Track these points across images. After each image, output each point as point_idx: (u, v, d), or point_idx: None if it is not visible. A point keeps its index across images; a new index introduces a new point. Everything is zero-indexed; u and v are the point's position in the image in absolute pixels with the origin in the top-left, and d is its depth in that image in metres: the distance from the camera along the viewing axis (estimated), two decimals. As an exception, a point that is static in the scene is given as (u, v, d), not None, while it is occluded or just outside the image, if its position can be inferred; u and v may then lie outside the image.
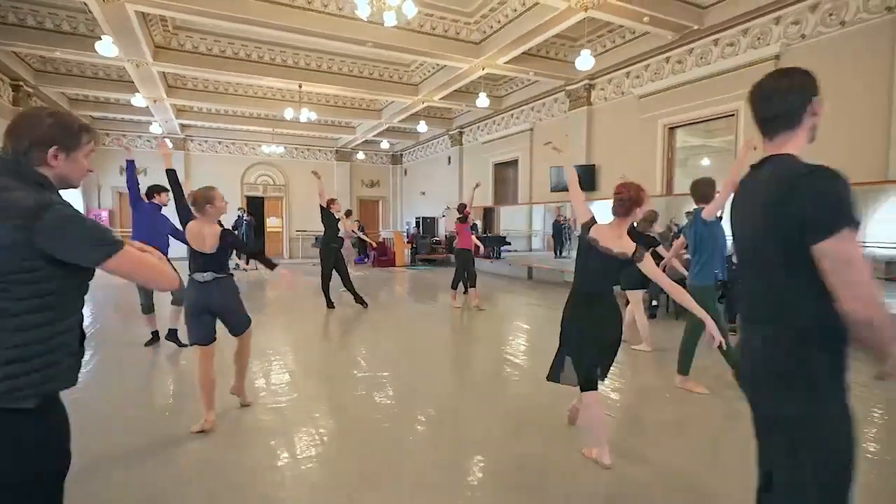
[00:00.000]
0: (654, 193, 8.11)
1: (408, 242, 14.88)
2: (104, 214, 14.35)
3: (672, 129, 7.92)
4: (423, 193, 17.05)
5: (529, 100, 10.95)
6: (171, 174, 3.22)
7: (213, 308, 2.98)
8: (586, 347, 2.61)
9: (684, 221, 7.84)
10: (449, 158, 15.02)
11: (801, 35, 6.03)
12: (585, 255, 2.64)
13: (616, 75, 8.78)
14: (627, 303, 5.19)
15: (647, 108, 8.21)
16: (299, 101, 10.38)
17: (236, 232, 12.86)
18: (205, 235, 2.93)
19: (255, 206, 16.46)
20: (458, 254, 7.42)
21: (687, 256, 4.27)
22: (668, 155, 8.01)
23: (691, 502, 2.30)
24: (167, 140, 3.62)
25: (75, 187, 1.36)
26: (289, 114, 9.81)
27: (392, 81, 10.59)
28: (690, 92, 7.43)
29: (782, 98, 1.34)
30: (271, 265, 3.17)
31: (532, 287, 10.15)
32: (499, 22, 7.66)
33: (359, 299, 7.19)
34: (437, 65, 9.45)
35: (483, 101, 8.92)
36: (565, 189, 9.59)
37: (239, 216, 13.24)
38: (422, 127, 11.30)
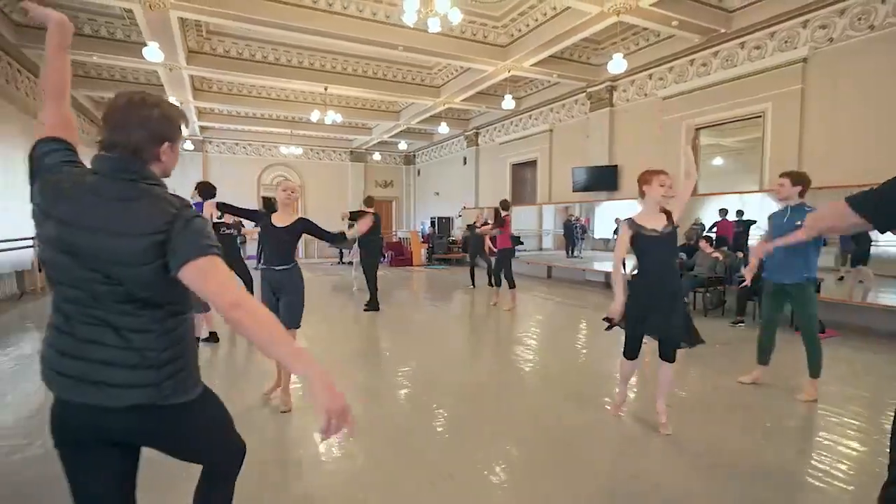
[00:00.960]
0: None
1: (423, 242, 15.04)
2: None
3: (697, 129, 8.07)
4: (437, 194, 17.22)
5: (549, 101, 11.10)
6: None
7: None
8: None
9: (709, 221, 8.02)
10: (464, 159, 15.18)
11: (829, 39, 6.18)
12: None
13: (639, 77, 8.93)
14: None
15: (670, 109, 8.35)
16: (325, 104, 10.54)
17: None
18: None
19: (271, 207, 16.63)
20: (500, 253, 7.39)
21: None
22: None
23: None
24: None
25: (167, 177, 1.28)
26: (315, 116, 9.98)
27: (415, 84, 10.76)
28: (716, 94, 7.58)
29: None
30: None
31: (553, 285, 10.30)
32: (527, 26, 7.83)
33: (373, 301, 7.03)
34: (462, 67, 9.62)
35: (509, 103, 9.08)
36: (586, 189, 9.84)
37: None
38: (443, 128, 11.46)
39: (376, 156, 16.16)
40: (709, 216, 8.11)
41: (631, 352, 3.00)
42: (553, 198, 11.47)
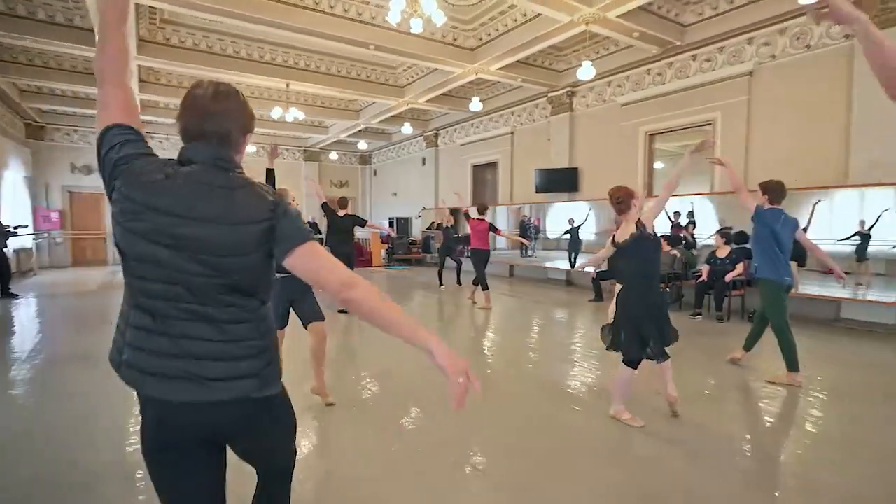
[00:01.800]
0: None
1: (384, 243, 14.91)
2: (54, 216, 13.31)
3: (652, 135, 8.60)
4: (395, 194, 17.13)
5: (511, 104, 11.38)
6: (270, 173, 3.39)
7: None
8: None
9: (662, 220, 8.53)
10: (423, 159, 15.22)
11: (772, 55, 6.82)
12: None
13: (598, 84, 9.37)
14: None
15: (628, 115, 8.85)
16: (287, 101, 10.20)
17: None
18: None
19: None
20: (475, 253, 7.55)
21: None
22: (648, 160, 8.68)
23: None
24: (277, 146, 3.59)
25: None
26: (277, 113, 9.63)
27: (379, 83, 10.66)
28: (670, 102, 8.12)
29: None
30: None
31: (516, 283, 10.58)
32: (496, 30, 8.01)
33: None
34: (428, 68, 9.66)
35: (476, 105, 9.24)
36: (548, 190, 10.18)
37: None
38: (406, 129, 11.45)
39: (333, 155, 15.83)
40: (661, 216, 8.65)
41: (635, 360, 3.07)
42: (515, 199, 11.78)
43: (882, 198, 5.94)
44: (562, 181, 10.00)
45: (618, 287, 5.37)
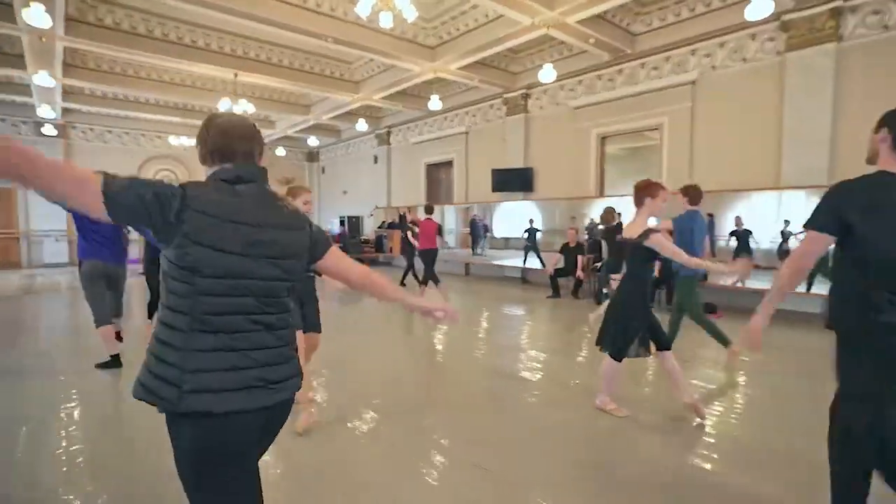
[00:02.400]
0: (588, 195, 9.16)
1: (335, 242, 14.49)
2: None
3: (604, 138, 9.00)
4: (346, 192, 16.77)
5: (466, 104, 11.47)
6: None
7: None
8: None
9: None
10: (375, 157, 15.00)
11: (713, 66, 7.35)
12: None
13: (551, 87, 9.67)
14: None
15: (581, 118, 9.21)
16: (234, 93, 9.66)
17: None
18: None
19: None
20: (425, 253, 7.73)
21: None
22: (600, 161, 9.08)
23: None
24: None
25: None
26: (225, 105, 9.09)
27: (333, 77, 10.36)
28: (621, 106, 8.54)
29: None
30: None
31: (472, 282, 10.69)
32: (457, 30, 8.04)
33: None
34: (385, 65, 9.52)
35: (436, 104, 9.22)
36: (504, 189, 10.38)
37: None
38: (360, 126, 11.21)
39: (280, 151, 15.17)
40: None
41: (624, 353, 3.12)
42: (470, 198, 11.89)
43: (811, 200, 6.56)
44: (517, 181, 10.23)
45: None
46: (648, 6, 7.54)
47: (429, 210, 8.10)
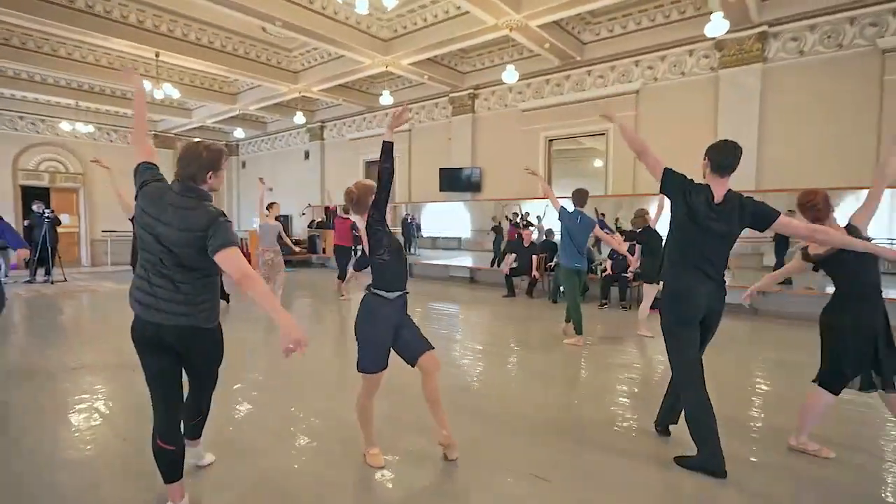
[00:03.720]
0: (537, 196, 9.42)
1: (263, 243, 13.45)
2: None
3: (551, 140, 9.32)
4: (272, 189, 15.59)
5: (411, 101, 11.22)
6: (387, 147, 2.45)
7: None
8: None
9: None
10: (306, 153, 14.19)
11: (654, 78, 7.92)
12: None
13: (499, 88, 9.80)
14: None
15: (529, 121, 9.44)
16: (157, 75, 8.50)
17: (36, 233, 9.82)
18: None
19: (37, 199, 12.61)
20: (338, 250, 8.47)
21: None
22: (548, 163, 9.38)
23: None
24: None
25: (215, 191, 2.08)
26: (145, 87, 7.94)
27: (269, 65, 9.57)
28: (568, 111, 8.89)
29: None
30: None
31: (419, 283, 10.52)
32: (414, 24, 7.81)
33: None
34: (330, 55, 9.00)
35: (387, 98, 8.89)
36: (451, 189, 10.35)
37: (37, 212, 10.06)
38: (298, 118, 10.46)
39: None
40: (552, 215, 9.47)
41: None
42: (413, 197, 11.68)
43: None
44: (465, 181, 10.24)
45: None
46: (599, 16, 7.92)
47: (346, 210, 7.95)
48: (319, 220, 13.53)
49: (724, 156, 2.47)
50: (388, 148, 2.38)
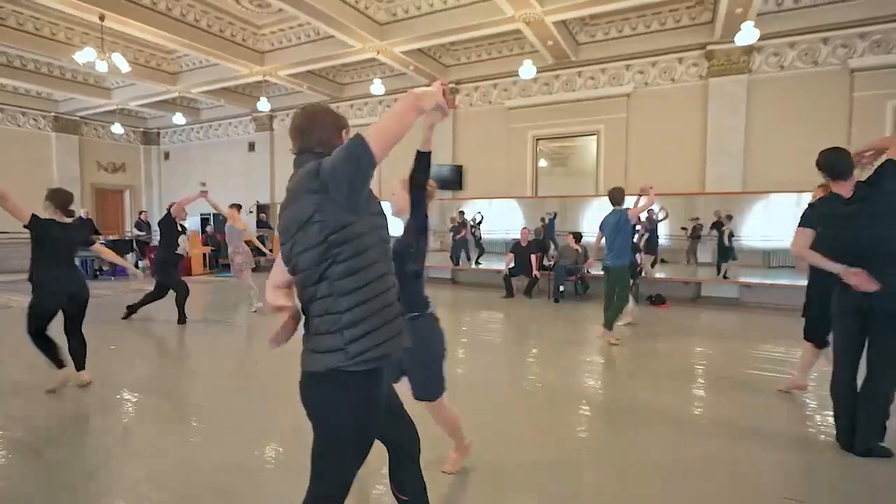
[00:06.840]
0: (524, 195, 9.38)
1: (205, 244, 11.87)
2: None
3: (539, 139, 9.31)
4: (204, 184, 13.78)
5: (384, 94, 10.56)
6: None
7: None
8: None
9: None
10: (251, 144, 12.80)
11: (645, 83, 8.23)
12: None
13: (483, 85, 9.59)
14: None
15: (516, 119, 9.34)
16: (102, 45, 6.93)
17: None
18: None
19: None
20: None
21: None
22: (535, 162, 9.37)
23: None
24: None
25: None
26: (88, 56, 6.45)
27: (233, 41, 8.37)
28: (558, 111, 8.94)
29: None
30: None
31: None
32: (418, 9, 7.30)
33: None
34: (309, 35, 8.11)
35: (378, 87, 8.22)
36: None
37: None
38: (262, 105, 9.26)
39: (116, 128, 11.51)
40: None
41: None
42: (384, 195, 10.99)
43: (733, 202, 7.78)
44: (447, 179, 9.86)
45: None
46: (597, 19, 8.03)
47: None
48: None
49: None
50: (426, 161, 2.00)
